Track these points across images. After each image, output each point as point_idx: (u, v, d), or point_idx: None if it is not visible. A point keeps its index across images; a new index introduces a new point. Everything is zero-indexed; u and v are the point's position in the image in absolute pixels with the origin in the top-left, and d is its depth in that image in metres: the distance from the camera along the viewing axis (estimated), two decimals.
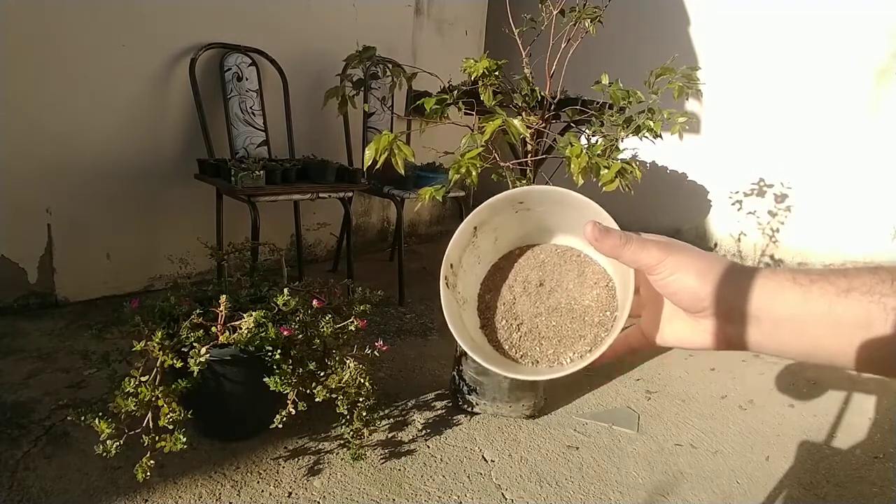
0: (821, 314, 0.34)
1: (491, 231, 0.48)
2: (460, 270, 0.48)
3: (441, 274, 0.46)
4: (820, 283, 0.34)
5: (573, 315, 0.46)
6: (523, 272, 0.49)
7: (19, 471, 1.33)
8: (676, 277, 0.38)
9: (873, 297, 0.33)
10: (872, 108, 2.98)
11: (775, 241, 3.34)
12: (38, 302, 2.21)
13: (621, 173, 1.36)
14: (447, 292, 0.46)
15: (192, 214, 2.51)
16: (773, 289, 0.36)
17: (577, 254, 0.49)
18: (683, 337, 0.42)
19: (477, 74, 1.44)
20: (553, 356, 0.45)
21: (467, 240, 0.48)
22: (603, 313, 0.45)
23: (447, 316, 0.45)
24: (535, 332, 0.47)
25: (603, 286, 0.46)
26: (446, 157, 1.55)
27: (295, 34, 2.75)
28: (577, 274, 0.48)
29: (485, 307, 0.49)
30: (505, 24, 1.59)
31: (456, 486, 1.43)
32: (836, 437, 1.82)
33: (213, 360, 1.32)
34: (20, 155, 2.06)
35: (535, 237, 0.50)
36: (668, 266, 0.38)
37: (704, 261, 0.38)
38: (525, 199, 0.46)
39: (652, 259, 0.39)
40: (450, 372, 1.81)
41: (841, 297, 0.34)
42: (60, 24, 2.05)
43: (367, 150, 1.34)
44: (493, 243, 0.49)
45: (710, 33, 3.39)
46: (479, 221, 0.47)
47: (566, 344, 0.46)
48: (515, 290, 0.49)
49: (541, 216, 0.48)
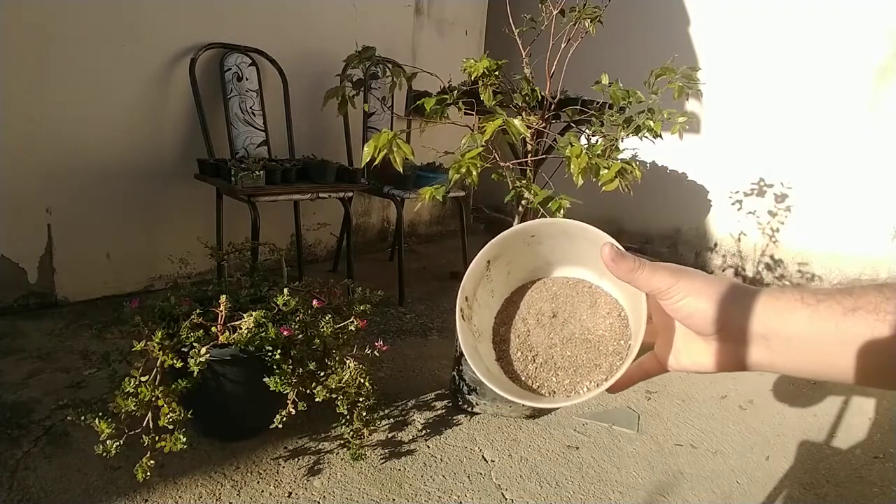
0: (828, 333, 0.35)
1: (504, 265, 0.49)
2: (475, 304, 0.49)
3: (457, 307, 0.47)
4: (827, 302, 0.36)
5: (588, 345, 0.47)
6: (536, 304, 0.50)
7: (19, 471, 1.33)
8: (688, 301, 0.39)
9: (878, 315, 0.34)
10: (872, 108, 2.98)
11: (775, 241, 3.34)
12: (38, 302, 2.21)
13: (621, 173, 1.36)
14: (463, 324, 0.47)
15: (192, 214, 2.51)
16: (782, 309, 0.37)
17: (588, 285, 0.50)
18: (696, 360, 0.43)
19: (477, 74, 1.44)
20: (570, 386, 0.46)
21: (481, 273, 0.49)
22: (617, 342, 0.46)
23: (464, 348, 0.46)
24: (551, 363, 0.47)
25: (616, 315, 0.47)
26: (446, 157, 1.55)
27: (295, 34, 2.75)
28: (590, 305, 0.48)
29: (500, 340, 0.50)
30: (505, 24, 1.59)
31: (456, 486, 1.43)
32: (836, 437, 1.82)
33: (213, 360, 1.32)
34: (20, 155, 2.06)
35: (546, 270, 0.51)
36: (680, 290, 0.39)
37: (714, 284, 0.39)
38: (536, 232, 0.47)
39: (663, 283, 0.40)
40: (450, 372, 1.81)
41: (847, 316, 0.35)
42: (60, 25, 2.05)
43: (365, 147, 1.34)
44: (505, 276, 0.50)
45: (710, 33, 3.39)
46: (491, 256, 0.48)
47: (582, 373, 0.46)
48: (529, 322, 0.49)
49: (551, 249, 0.49)
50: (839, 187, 3.09)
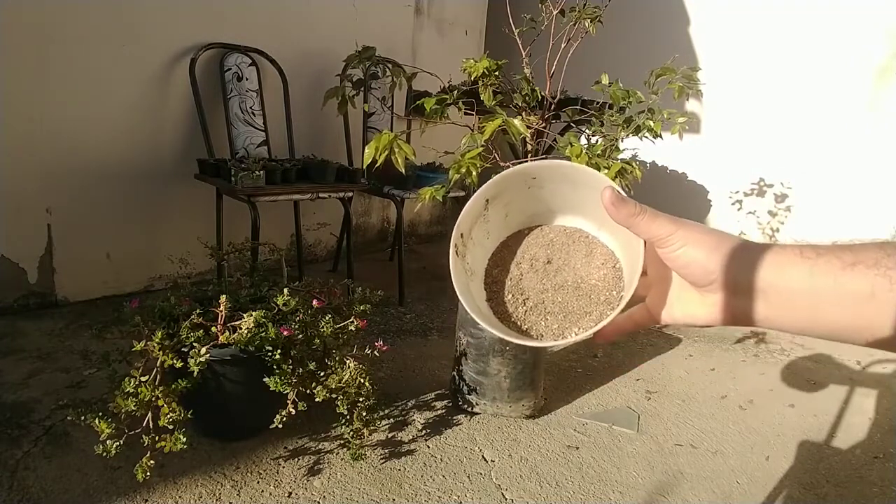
0: (826, 287, 0.34)
1: (502, 206, 0.49)
2: (470, 242, 0.48)
3: (451, 242, 0.47)
4: (826, 256, 0.35)
5: (579, 293, 0.47)
6: (531, 250, 0.49)
7: (19, 471, 1.33)
8: (686, 250, 0.39)
9: (879, 269, 0.33)
10: (872, 108, 2.98)
11: (775, 240, 3.34)
12: (38, 302, 2.21)
13: (621, 173, 1.36)
14: (456, 261, 0.47)
15: (192, 214, 2.51)
16: (781, 263, 0.36)
17: (585, 235, 0.49)
18: (691, 312, 0.42)
19: (477, 74, 1.44)
20: (558, 331, 0.46)
21: (479, 211, 0.48)
22: (609, 292, 0.46)
23: (455, 284, 0.45)
24: (541, 308, 0.47)
25: (610, 267, 0.47)
26: (446, 157, 1.55)
27: (295, 34, 2.75)
28: (586, 254, 0.48)
29: (492, 281, 0.49)
30: (505, 24, 1.59)
31: (456, 486, 1.43)
32: (836, 437, 1.82)
33: (213, 360, 1.32)
34: (20, 155, 2.06)
35: (545, 217, 0.50)
36: (679, 239, 0.39)
37: (714, 235, 0.39)
38: (538, 174, 0.46)
39: (663, 230, 0.39)
40: (450, 372, 1.81)
41: (847, 271, 0.34)
42: (60, 25, 2.05)
43: (366, 148, 1.34)
44: (503, 218, 0.50)
45: (710, 33, 3.39)
46: (491, 195, 0.47)
47: (571, 320, 0.46)
48: (523, 266, 0.49)
49: (552, 195, 0.48)
50: (839, 187, 3.09)
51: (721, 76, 3.28)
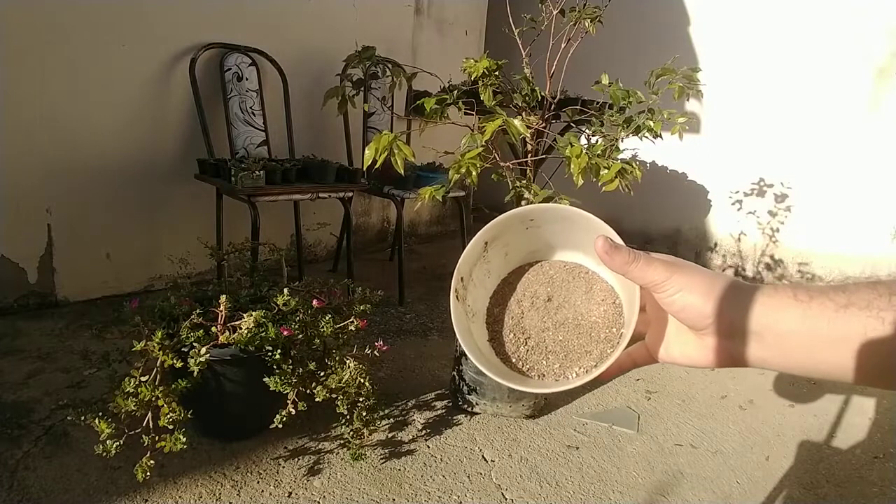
0: (820, 330, 0.35)
1: (501, 246, 0.49)
2: (470, 284, 0.49)
3: (451, 287, 0.47)
4: (819, 298, 0.35)
5: (580, 331, 0.47)
6: (532, 287, 0.50)
7: (19, 471, 1.33)
8: (681, 295, 0.39)
9: (871, 311, 0.33)
10: (872, 108, 2.98)
11: (775, 241, 3.34)
12: (38, 302, 2.21)
13: (621, 173, 1.36)
14: (457, 305, 0.47)
15: (192, 214, 2.51)
16: (774, 306, 0.37)
17: (585, 271, 0.50)
18: (687, 353, 0.43)
19: (477, 74, 1.44)
20: (559, 371, 0.46)
21: (478, 254, 0.49)
22: (609, 330, 0.46)
23: (456, 328, 0.46)
24: (543, 347, 0.48)
25: (610, 303, 0.47)
26: (446, 157, 1.55)
27: (295, 34, 2.75)
28: (585, 290, 0.48)
29: (493, 320, 0.50)
30: (505, 24, 1.59)
31: (456, 486, 1.43)
32: (836, 437, 1.82)
33: (213, 360, 1.32)
34: (20, 155, 2.06)
35: (545, 253, 0.51)
36: (674, 284, 0.39)
37: (708, 279, 0.39)
38: (536, 216, 0.47)
39: (658, 277, 0.39)
40: (450, 372, 1.81)
41: (840, 313, 0.34)
42: (60, 24, 2.05)
43: (366, 149, 1.34)
44: (503, 257, 0.50)
45: (710, 33, 3.39)
46: (490, 237, 0.48)
47: (572, 359, 0.46)
48: (524, 304, 0.49)
49: (550, 233, 0.49)
50: (839, 187, 3.09)
51: (721, 76, 3.28)
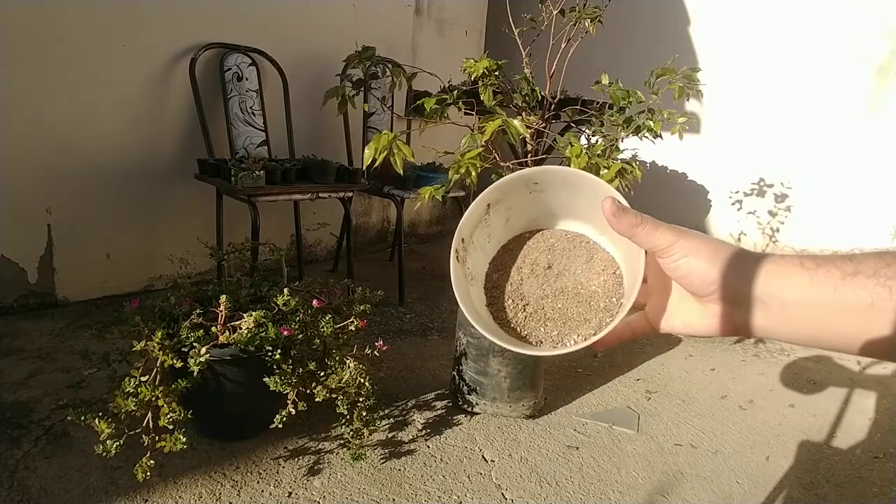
0: (826, 298, 0.34)
1: (504, 210, 0.49)
2: (471, 246, 0.48)
3: (452, 247, 0.47)
4: (826, 266, 0.35)
5: (579, 299, 0.47)
6: (532, 254, 0.49)
7: (19, 471, 1.33)
8: (687, 261, 0.39)
9: (878, 279, 0.33)
10: (872, 108, 2.98)
11: (775, 240, 3.34)
12: (38, 302, 2.21)
13: (621, 173, 1.36)
14: (457, 266, 0.47)
15: (192, 214, 2.51)
16: (780, 273, 0.36)
17: (586, 240, 0.49)
18: (689, 322, 0.42)
19: (477, 74, 1.44)
20: (557, 338, 0.46)
21: (480, 216, 0.48)
22: (609, 299, 0.46)
23: (455, 289, 0.45)
24: (541, 314, 0.47)
25: (611, 273, 0.47)
26: (446, 157, 1.55)
27: (295, 34, 2.75)
28: (586, 260, 0.48)
29: (492, 286, 0.49)
30: (505, 24, 1.59)
31: (456, 486, 1.43)
32: (836, 437, 1.82)
33: (213, 360, 1.32)
34: (20, 155, 2.06)
35: (547, 222, 0.50)
36: (680, 249, 0.39)
37: (714, 245, 0.39)
38: (539, 179, 0.46)
39: (664, 241, 0.39)
40: (450, 372, 1.81)
41: (846, 281, 0.34)
42: (60, 24, 2.05)
43: (366, 149, 1.34)
44: (504, 223, 0.50)
45: (710, 33, 3.39)
46: (492, 199, 0.47)
47: (571, 326, 0.46)
48: (524, 271, 0.49)
49: (553, 199, 0.48)
50: (839, 187, 3.09)
51: (721, 76, 3.28)
